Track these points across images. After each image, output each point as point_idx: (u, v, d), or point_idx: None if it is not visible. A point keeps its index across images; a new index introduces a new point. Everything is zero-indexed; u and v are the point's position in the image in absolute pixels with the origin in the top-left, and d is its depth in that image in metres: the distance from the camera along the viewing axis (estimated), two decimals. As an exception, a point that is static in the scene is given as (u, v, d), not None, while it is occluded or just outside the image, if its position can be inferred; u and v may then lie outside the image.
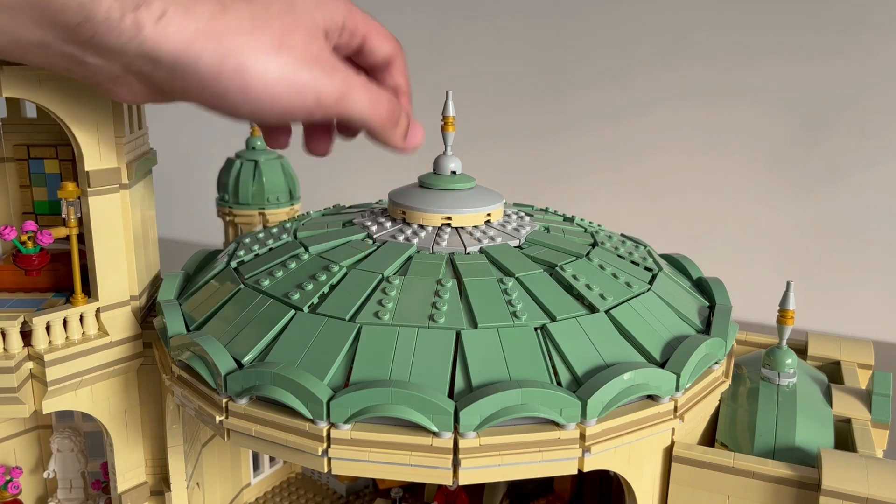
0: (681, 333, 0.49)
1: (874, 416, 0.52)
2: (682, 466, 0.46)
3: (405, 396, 0.40)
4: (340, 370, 0.43)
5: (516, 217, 0.59)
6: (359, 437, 0.41)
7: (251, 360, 0.45)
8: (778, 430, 0.49)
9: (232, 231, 0.79)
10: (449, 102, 0.57)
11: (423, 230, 0.54)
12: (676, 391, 0.45)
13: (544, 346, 0.44)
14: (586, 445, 0.42)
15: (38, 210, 0.61)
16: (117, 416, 0.57)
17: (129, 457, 0.59)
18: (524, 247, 0.54)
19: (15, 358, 0.50)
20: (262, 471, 0.71)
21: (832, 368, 0.60)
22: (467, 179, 0.57)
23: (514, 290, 0.47)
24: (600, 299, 0.48)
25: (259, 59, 0.36)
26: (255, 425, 0.43)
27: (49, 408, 0.52)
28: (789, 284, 0.52)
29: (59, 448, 0.62)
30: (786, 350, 0.52)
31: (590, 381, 0.42)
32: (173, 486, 0.58)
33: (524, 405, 0.40)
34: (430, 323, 0.45)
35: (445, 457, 0.40)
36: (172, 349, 0.49)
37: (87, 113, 0.50)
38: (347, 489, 0.69)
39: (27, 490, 0.64)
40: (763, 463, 0.45)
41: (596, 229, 0.62)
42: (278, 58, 0.36)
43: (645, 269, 0.56)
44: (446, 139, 0.57)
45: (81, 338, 0.53)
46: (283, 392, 0.42)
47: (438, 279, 0.48)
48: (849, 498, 0.42)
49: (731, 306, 0.55)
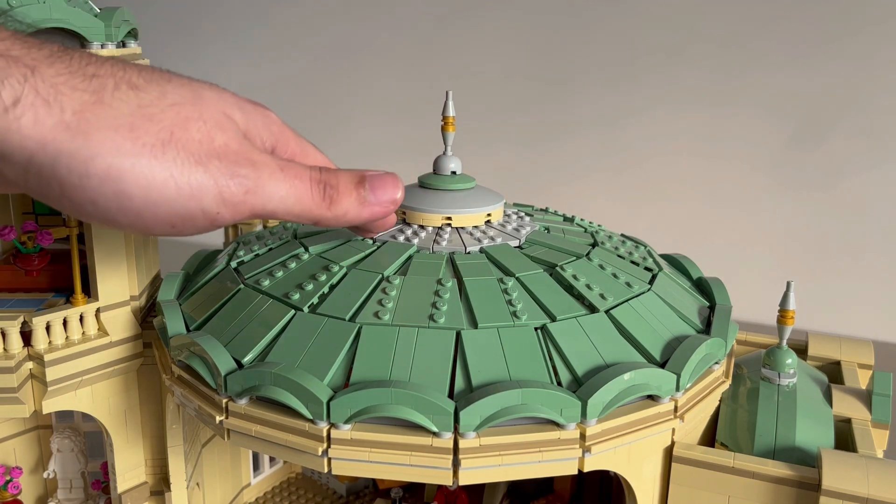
0: (681, 333, 0.49)
1: (874, 416, 0.52)
2: (683, 466, 0.46)
3: (405, 396, 0.40)
4: (340, 370, 0.43)
5: (516, 217, 0.59)
6: (359, 438, 0.41)
7: (251, 360, 0.45)
8: (778, 430, 0.49)
9: (232, 231, 0.79)
10: (449, 102, 0.57)
11: (424, 230, 0.54)
12: (676, 391, 0.45)
13: (544, 346, 0.44)
14: (586, 445, 0.42)
15: (38, 210, 0.61)
16: (117, 416, 0.57)
17: (129, 457, 0.59)
18: (524, 247, 0.54)
19: (15, 358, 0.50)
20: (262, 471, 0.71)
21: (832, 368, 0.60)
22: (467, 179, 0.57)
23: (514, 289, 0.47)
24: (600, 299, 0.48)
25: (139, 160, 0.29)
26: (255, 425, 0.43)
27: (49, 408, 0.52)
28: (789, 284, 0.51)
29: (59, 448, 0.62)
30: (786, 350, 0.52)
31: (590, 382, 0.42)
32: (173, 486, 0.58)
33: (524, 405, 0.40)
34: (430, 323, 0.45)
35: (445, 457, 0.40)
36: (172, 349, 0.49)
37: (87, 113, 0.50)
38: (347, 489, 0.69)
39: (27, 490, 0.64)
40: (763, 463, 0.45)
41: (596, 229, 0.62)
42: (164, 156, 0.29)
43: (645, 269, 0.56)
44: (446, 139, 0.57)
45: (81, 338, 0.53)
46: (283, 392, 0.42)
47: (438, 279, 0.48)
48: (849, 498, 0.42)
49: (731, 306, 0.55)
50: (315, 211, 0.35)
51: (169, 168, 0.30)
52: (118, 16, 0.53)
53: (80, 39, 0.51)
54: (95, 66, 0.30)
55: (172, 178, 0.30)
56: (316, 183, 0.35)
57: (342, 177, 0.35)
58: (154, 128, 0.29)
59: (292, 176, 0.34)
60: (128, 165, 0.29)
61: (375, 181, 0.36)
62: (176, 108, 0.30)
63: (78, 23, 0.50)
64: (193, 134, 0.31)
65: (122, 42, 0.56)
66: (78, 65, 0.29)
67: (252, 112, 0.35)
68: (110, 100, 0.29)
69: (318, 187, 0.35)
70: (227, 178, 0.31)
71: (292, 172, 0.34)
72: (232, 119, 0.33)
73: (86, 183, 0.28)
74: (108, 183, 0.29)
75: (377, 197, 0.36)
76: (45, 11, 0.49)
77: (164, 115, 0.30)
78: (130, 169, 0.29)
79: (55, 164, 0.28)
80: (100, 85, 0.29)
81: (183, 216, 0.31)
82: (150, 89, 0.30)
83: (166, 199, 0.30)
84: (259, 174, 0.32)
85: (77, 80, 0.29)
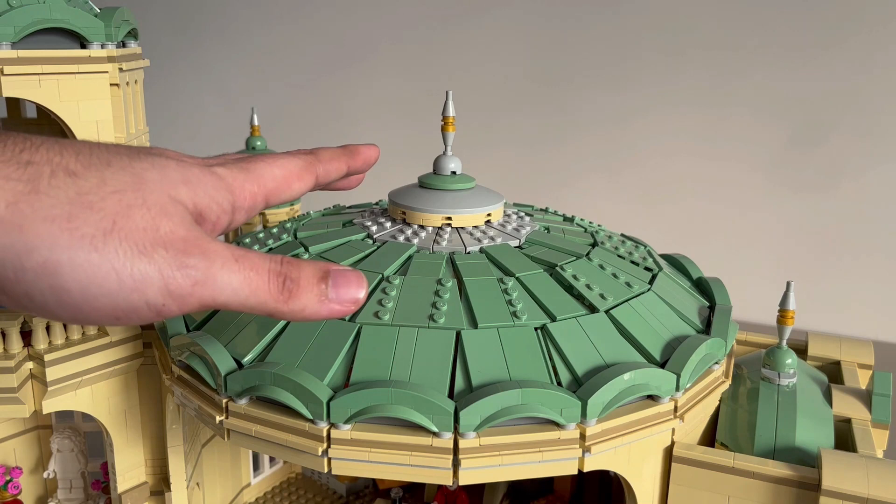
0: (681, 333, 0.49)
1: (874, 416, 0.52)
2: (683, 466, 0.46)
3: (405, 396, 0.40)
4: (340, 370, 0.43)
5: (516, 217, 0.59)
6: (359, 438, 0.41)
7: (251, 360, 0.45)
8: (778, 430, 0.49)
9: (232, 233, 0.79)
10: (449, 102, 0.57)
11: (424, 230, 0.54)
12: (676, 391, 0.45)
13: (544, 346, 0.44)
14: (586, 445, 0.41)
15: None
16: (117, 416, 0.57)
17: (129, 457, 0.59)
18: (524, 247, 0.54)
19: (15, 358, 0.50)
20: (262, 471, 0.71)
21: (832, 368, 0.60)
22: (467, 179, 0.57)
23: (514, 289, 0.47)
24: (600, 299, 0.48)
25: (76, 253, 0.27)
26: (255, 425, 0.43)
27: (49, 408, 0.52)
28: (789, 284, 0.51)
29: (59, 448, 0.62)
30: (786, 350, 0.52)
31: (590, 382, 0.42)
32: (173, 486, 0.58)
33: (524, 405, 0.40)
34: (430, 323, 0.45)
35: (445, 457, 0.40)
36: (172, 349, 0.49)
37: (86, 112, 0.50)
38: (347, 489, 0.69)
39: (27, 490, 0.64)
40: (763, 463, 0.45)
41: (596, 229, 0.62)
42: (105, 247, 0.27)
43: (645, 269, 0.56)
44: (446, 139, 0.57)
45: (81, 338, 0.53)
46: (283, 392, 0.42)
47: (438, 279, 0.48)
48: (849, 498, 0.42)
49: (731, 306, 0.55)
50: (270, 304, 0.32)
51: (110, 260, 0.28)
52: (118, 16, 0.53)
53: (80, 39, 0.51)
54: (30, 153, 0.28)
55: (114, 270, 0.28)
56: (275, 275, 0.32)
57: (304, 269, 0.33)
58: (94, 217, 0.28)
59: (248, 267, 0.31)
60: (65, 259, 0.27)
61: (339, 278, 0.33)
62: (117, 195, 0.28)
63: (78, 23, 0.50)
64: (138, 222, 0.28)
65: (122, 42, 0.56)
66: (11, 152, 0.27)
67: (200, 179, 0.33)
68: (46, 188, 0.27)
69: (277, 280, 0.32)
70: (174, 268, 0.29)
71: (248, 263, 0.31)
72: (178, 201, 0.31)
73: (21, 277, 0.27)
74: (44, 277, 0.27)
75: (339, 295, 0.33)
76: (45, 11, 0.49)
77: (104, 203, 0.28)
78: (68, 262, 0.27)
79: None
80: (35, 173, 0.27)
81: (126, 309, 0.29)
82: (88, 176, 0.28)
83: (107, 292, 0.28)
84: (210, 264, 0.30)
85: (10, 169, 0.27)
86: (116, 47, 0.53)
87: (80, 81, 0.51)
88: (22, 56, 0.48)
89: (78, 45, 0.51)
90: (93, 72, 0.51)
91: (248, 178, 0.35)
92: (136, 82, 0.58)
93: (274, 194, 0.37)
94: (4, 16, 0.47)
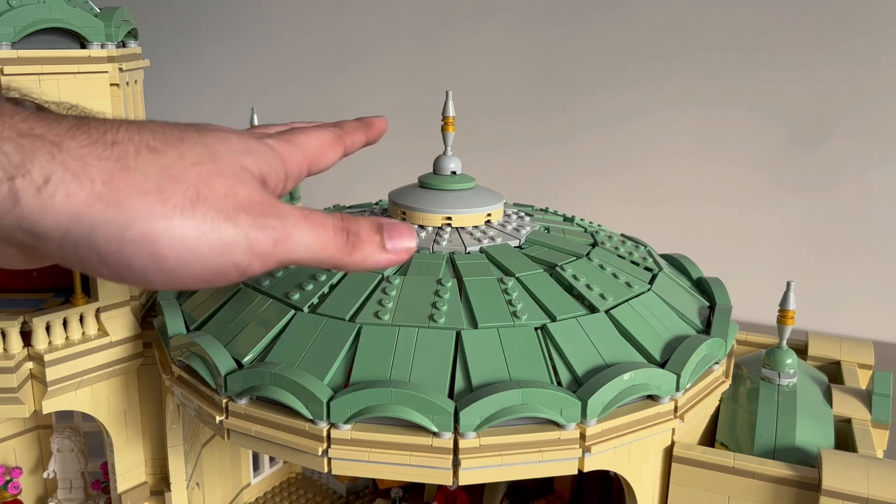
0: (681, 333, 0.49)
1: (874, 416, 0.52)
2: (683, 466, 0.46)
3: (405, 396, 0.40)
4: (340, 370, 0.43)
5: (516, 217, 0.59)
6: (359, 438, 0.41)
7: (251, 360, 0.45)
8: (778, 430, 0.49)
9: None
10: (449, 102, 0.57)
11: (424, 230, 0.54)
12: (676, 391, 0.45)
13: (544, 346, 0.44)
14: (586, 445, 0.41)
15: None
16: (117, 416, 0.57)
17: (129, 457, 0.59)
18: (524, 247, 0.54)
19: (15, 358, 0.50)
20: (262, 471, 0.71)
21: (832, 368, 0.60)
22: (467, 179, 0.57)
23: (514, 289, 0.47)
24: (600, 299, 0.48)
25: (171, 222, 0.30)
26: (255, 425, 0.43)
27: (49, 408, 0.52)
28: (789, 284, 0.51)
29: (59, 448, 0.62)
30: (786, 350, 0.52)
31: (590, 382, 0.42)
32: (173, 486, 0.58)
33: (524, 405, 0.40)
34: (430, 323, 0.45)
35: (445, 457, 0.40)
36: (172, 349, 0.49)
37: (87, 113, 0.50)
38: (347, 489, 0.69)
39: (27, 490, 0.64)
40: (763, 463, 0.45)
41: (596, 229, 0.62)
42: (195, 215, 0.30)
43: (645, 269, 0.56)
44: (446, 139, 0.57)
45: (81, 338, 0.53)
46: (283, 392, 0.42)
47: (438, 279, 0.48)
48: (849, 498, 0.42)
49: (731, 306, 0.55)
50: (337, 256, 0.35)
51: (200, 226, 0.30)
52: (118, 16, 0.53)
53: (80, 39, 0.51)
54: (112, 134, 0.30)
55: (204, 235, 0.30)
56: (339, 230, 0.35)
57: (362, 224, 0.37)
58: (180, 188, 0.30)
59: (316, 224, 0.35)
60: (161, 228, 0.29)
61: (392, 230, 0.37)
62: (197, 167, 0.31)
63: (78, 23, 0.50)
64: (218, 190, 0.31)
65: (122, 42, 0.56)
66: (97, 133, 0.30)
67: (258, 149, 0.36)
68: (135, 165, 0.30)
69: (342, 234, 0.35)
70: (257, 230, 0.32)
71: (316, 221, 0.35)
72: (247, 169, 0.34)
73: (123, 248, 0.29)
74: (144, 247, 0.29)
75: (394, 244, 0.37)
76: (45, 11, 0.49)
77: (186, 174, 0.31)
78: (164, 231, 0.29)
79: (92, 235, 0.29)
80: (122, 151, 0.30)
81: (215, 271, 0.31)
82: (167, 151, 0.31)
83: (200, 256, 0.31)
84: (285, 224, 0.33)
85: (100, 150, 0.29)
86: (116, 47, 0.53)
87: (80, 81, 0.51)
88: (22, 56, 0.48)
89: (78, 45, 0.51)
90: (93, 72, 0.51)
91: (294, 148, 0.39)
92: (136, 82, 0.58)
93: (315, 163, 0.40)
94: (4, 16, 0.47)
